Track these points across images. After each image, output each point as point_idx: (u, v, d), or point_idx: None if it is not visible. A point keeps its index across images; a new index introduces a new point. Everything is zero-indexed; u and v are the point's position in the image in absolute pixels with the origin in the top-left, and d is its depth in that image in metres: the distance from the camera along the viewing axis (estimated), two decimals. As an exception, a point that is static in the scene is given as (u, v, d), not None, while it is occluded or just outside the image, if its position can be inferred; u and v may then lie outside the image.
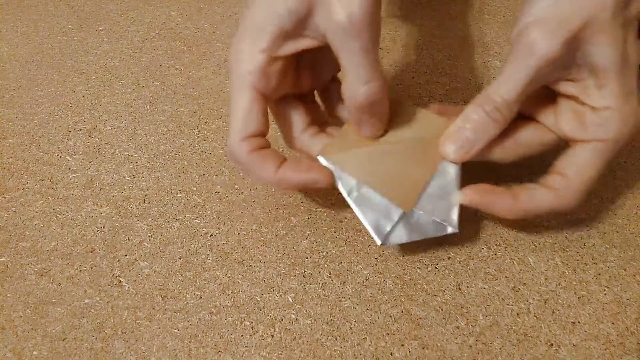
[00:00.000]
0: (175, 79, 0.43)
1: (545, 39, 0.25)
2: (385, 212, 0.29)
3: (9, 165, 0.37)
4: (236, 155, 0.28)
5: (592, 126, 0.27)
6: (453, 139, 0.29)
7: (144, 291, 0.30)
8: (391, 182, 0.29)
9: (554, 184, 0.29)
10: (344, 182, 0.29)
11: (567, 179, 0.28)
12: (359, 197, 0.29)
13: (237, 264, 0.31)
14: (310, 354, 0.28)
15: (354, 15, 0.25)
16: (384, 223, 0.29)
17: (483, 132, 0.28)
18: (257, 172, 0.28)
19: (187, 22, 0.48)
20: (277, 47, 0.27)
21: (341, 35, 0.25)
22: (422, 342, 0.28)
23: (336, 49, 0.26)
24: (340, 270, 0.31)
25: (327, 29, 0.26)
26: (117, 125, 0.39)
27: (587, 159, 0.28)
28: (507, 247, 0.32)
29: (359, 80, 0.26)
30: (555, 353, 0.28)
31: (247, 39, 0.27)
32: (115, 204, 0.34)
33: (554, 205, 0.28)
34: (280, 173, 0.28)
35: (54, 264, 0.32)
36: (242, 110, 0.27)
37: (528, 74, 0.26)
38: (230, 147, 0.28)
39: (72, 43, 0.46)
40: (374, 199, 0.29)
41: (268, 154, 0.28)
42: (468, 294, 0.30)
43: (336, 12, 0.25)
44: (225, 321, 0.29)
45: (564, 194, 0.28)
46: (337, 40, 0.26)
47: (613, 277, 0.31)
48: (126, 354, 0.28)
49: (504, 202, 0.29)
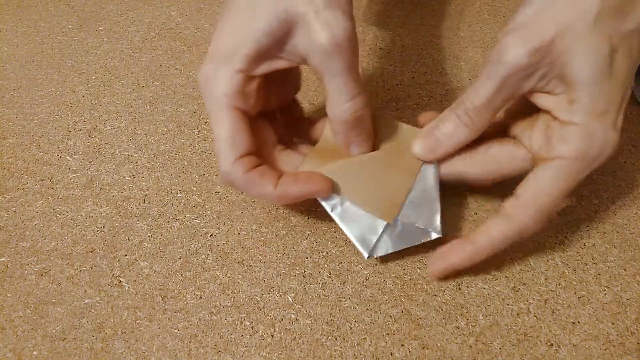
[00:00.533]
0: (175, 79, 0.43)
1: (514, 47, 0.25)
2: (370, 224, 0.29)
3: (9, 165, 0.37)
4: (232, 178, 0.27)
5: (556, 142, 0.26)
6: (423, 137, 0.29)
7: (144, 291, 0.30)
8: (372, 195, 0.29)
9: (507, 208, 0.28)
10: (327, 197, 0.29)
11: (521, 201, 0.27)
12: (342, 212, 0.29)
13: (237, 264, 0.31)
14: (310, 354, 0.28)
15: (336, 37, 0.25)
16: (369, 236, 0.29)
17: (452, 135, 0.28)
18: (257, 190, 0.27)
19: (187, 22, 0.48)
20: (254, 67, 0.27)
21: (324, 57, 0.25)
22: (422, 342, 0.28)
23: (319, 71, 0.26)
24: (340, 270, 0.31)
25: (309, 51, 0.26)
26: (117, 125, 0.39)
27: (546, 179, 0.26)
28: (507, 247, 0.32)
29: (343, 98, 0.27)
30: (555, 353, 0.28)
31: (220, 61, 0.27)
32: (115, 204, 0.34)
33: (508, 232, 0.27)
34: (280, 188, 0.27)
35: (54, 264, 0.32)
36: (228, 132, 0.27)
37: (495, 82, 0.26)
38: (225, 171, 0.27)
39: (72, 43, 0.46)
40: (358, 213, 0.29)
41: (265, 171, 0.28)
42: (468, 294, 0.30)
43: (317, 34, 0.25)
44: (225, 321, 0.29)
45: (517, 218, 0.27)
46: (319, 62, 0.26)
47: (613, 277, 0.31)
48: (126, 354, 0.28)
49: (460, 251, 0.28)
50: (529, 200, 0.27)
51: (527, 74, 0.26)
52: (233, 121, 0.27)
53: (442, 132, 0.29)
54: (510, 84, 0.26)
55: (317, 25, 0.25)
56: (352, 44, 0.26)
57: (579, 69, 0.25)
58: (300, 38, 0.26)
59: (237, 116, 0.27)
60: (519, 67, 0.25)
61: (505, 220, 0.27)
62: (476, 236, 0.28)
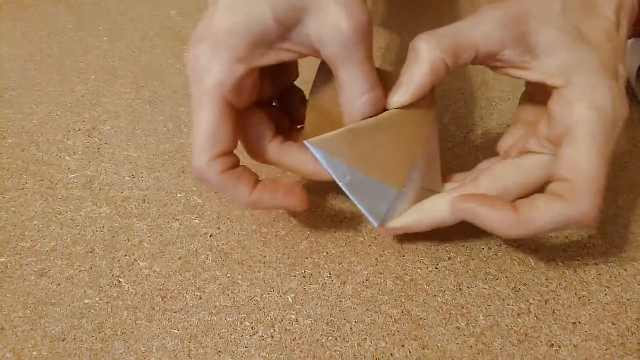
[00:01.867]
0: (175, 79, 0.43)
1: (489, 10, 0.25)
2: (380, 192, 0.28)
3: (8, 165, 0.37)
4: (205, 177, 0.25)
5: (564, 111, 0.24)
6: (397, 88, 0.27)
7: (143, 291, 0.30)
8: (381, 162, 0.28)
9: (558, 189, 0.24)
10: (334, 167, 0.27)
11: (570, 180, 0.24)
12: (351, 182, 0.27)
13: (237, 264, 0.31)
14: (310, 354, 0.28)
15: (358, 23, 0.23)
16: (380, 204, 0.28)
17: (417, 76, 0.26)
18: (230, 192, 0.26)
19: (187, 21, 0.48)
20: (256, 57, 0.24)
21: (343, 45, 0.24)
22: (423, 343, 0.28)
23: (334, 60, 0.24)
24: (340, 270, 0.31)
25: (324, 38, 0.24)
26: (116, 125, 0.39)
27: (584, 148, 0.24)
28: (508, 247, 0.32)
29: (362, 89, 0.25)
30: (556, 353, 0.28)
31: (217, 43, 0.23)
32: (115, 204, 0.34)
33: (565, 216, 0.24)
34: (255, 195, 0.26)
35: (53, 264, 0.31)
36: (210, 125, 0.24)
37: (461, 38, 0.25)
38: (198, 168, 0.25)
39: (72, 42, 0.46)
40: (367, 181, 0.28)
41: (241, 174, 0.26)
42: (468, 294, 0.30)
43: (337, 19, 0.23)
44: (225, 321, 0.29)
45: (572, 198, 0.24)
46: (337, 50, 0.24)
47: (614, 277, 0.31)
48: (126, 354, 0.28)
49: (502, 215, 0.25)
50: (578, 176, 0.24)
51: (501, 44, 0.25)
52: (219, 115, 0.24)
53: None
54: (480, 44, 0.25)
55: (335, 10, 0.23)
56: (371, 31, 0.24)
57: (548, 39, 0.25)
58: (313, 24, 0.23)
59: (224, 110, 0.24)
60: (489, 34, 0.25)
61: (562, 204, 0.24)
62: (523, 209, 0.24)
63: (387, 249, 0.32)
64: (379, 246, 0.32)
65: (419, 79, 0.25)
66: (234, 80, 0.24)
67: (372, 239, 0.32)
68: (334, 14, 0.23)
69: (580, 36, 0.25)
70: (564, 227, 0.24)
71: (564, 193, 0.24)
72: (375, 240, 0.32)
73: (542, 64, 0.25)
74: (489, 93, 0.42)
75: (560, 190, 0.24)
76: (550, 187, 0.25)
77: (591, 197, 0.24)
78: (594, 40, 0.25)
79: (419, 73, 0.25)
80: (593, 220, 0.24)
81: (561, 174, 0.24)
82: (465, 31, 0.25)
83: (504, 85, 0.43)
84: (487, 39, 0.25)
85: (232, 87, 0.24)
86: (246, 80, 0.25)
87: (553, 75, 0.25)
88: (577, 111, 0.24)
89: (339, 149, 0.27)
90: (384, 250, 0.32)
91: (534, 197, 0.25)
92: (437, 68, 0.25)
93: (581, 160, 0.24)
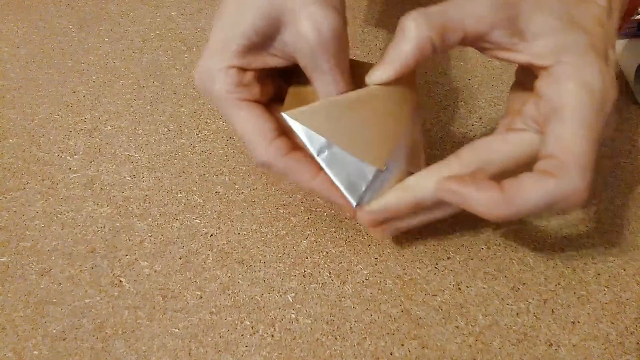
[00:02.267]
0: (176, 79, 0.43)
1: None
2: (359, 170, 0.27)
3: (10, 165, 0.37)
4: (271, 163, 0.27)
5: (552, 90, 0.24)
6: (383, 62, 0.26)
7: (144, 291, 0.30)
8: (361, 139, 0.27)
9: (546, 167, 0.23)
10: (313, 140, 0.26)
11: (558, 156, 0.23)
12: (329, 156, 0.27)
13: (238, 264, 0.32)
14: (310, 353, 0.28)
15: (323, 33, 0.24)
16: (359, 182, 0.27)
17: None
18: (294, 176, 0.27)
19: (188, 22, 0.48)
20: (245, 63, 0.26)
21: (311, 54, 0.25)
22: (422, 342, 0.28)
23: (307, 69, 0.26)
24: (340, 270, 0.31)
25: (296, 47, 0.25)
26: (117, 126, 0.39)
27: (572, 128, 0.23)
28: (507, 247, 0.32)
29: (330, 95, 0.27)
30: (555, 353, 0.28)
31: (213, 57, 0.26)
32: (116, 204, 0.35)
33: (555, 195, 0.23)
34: (317, 182, 0.27)
35: (54, 263, 0.32)
36: (250, 121, 0.26)
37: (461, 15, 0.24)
38: (261, 158, 0.27)
39: (73, 43, 0.46)
40: (346, 158, 0.27)
41: (302, 160, 0.27)
42: (468, 293, 0.30)
43: (304, 28, 0.24)
44: (225, 321, 0.29)
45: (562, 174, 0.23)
46: (307, 59, 0.25)
47: (612, 277, 0.31)
48: (127, 354, 0.28)
49: (488, 195, 0.23)
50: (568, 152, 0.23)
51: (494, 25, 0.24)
52: (249, 109, 0.27)
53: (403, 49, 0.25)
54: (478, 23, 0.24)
55: (303, 20, 0.24)
56: (339, 41, 0.25)
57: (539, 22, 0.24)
58: (289, 34, 0.25)
59: (250, 105, 0.27)
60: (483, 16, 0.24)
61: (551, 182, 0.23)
62: (509, 188, 0.23)
63: (386, 249, 0.32)
64: (379, 246, 0.32)
65: (404, 55, 0.25)
66: (234, 83, 0.26)
67: (372, 238, 0.32)
68: (303, 26, 0.25)
69: (572, 21, 0.25)
70: (554, 207, 0.23)
71: (553, 170, 0.23)
72: (375, 240, 0.32)
73: (532, 46, 0.25)
74: (489, 93, 0.42)
75: (549, 168, 0.23)
76: (538, 166, 0.24)
77: (581, 174, 0.23)
78: (585, 25, 0.25)
79: (404, 50, 0.25)
80: (584, 199, 0.23)
81: (549, 150, 0.23)
82: (455, 11, 0.25)
83: (503, 85, 0.43)
84: (476, 19, 0.25)
85: (236, 87, 0.26)
86: (244, 78, 0.27)
87: (543, 57, 0.25)
88: (566, 89, 0.23)
89: (318, 122, 0.27)
90: (383, 250, 0.32)
91: (521, 176, 0.24)
92: (423, 46, 0.25)
93: (570, 138, 0.23)
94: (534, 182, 0.23)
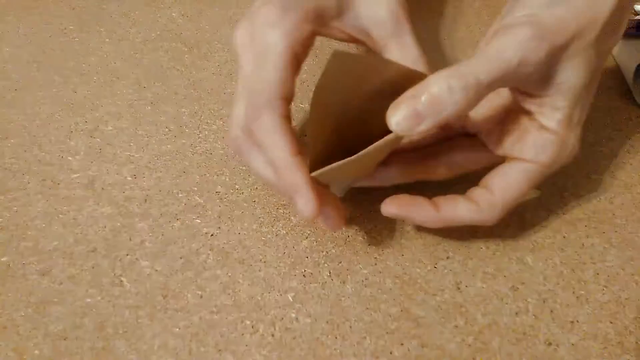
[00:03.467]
0: (177, 80, 0.43)
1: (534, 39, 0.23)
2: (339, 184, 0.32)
3: (11, 166, 0.37)
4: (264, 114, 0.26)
5: (531, 146, 0.27)
6: (401, 107, 0.23)
7: (145, 290, 0.31)
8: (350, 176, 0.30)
9: (478, 197, 0.28)
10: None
11: (492, 194, 0.28)
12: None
13: (238, 264, 0.32)
14: (311, 352, 0.28)
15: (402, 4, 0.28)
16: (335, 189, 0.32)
17: (436, 110, 0.22)
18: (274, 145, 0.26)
19: (189, 23, 0.48)
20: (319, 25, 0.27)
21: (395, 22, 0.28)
22: (422, 341, 0.28)
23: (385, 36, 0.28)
24: (340, 269, 0.31)
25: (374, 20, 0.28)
26: (118, 126, 0.40)
27: (515, 178, 0.28)
28: (506, 247, 0.32)
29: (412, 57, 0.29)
30: (554, 352, 0.28)
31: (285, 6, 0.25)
32: (117, 204, 0.35)
33: (474, 219, 0.28)
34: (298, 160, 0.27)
35: (55, 263, 0.32)
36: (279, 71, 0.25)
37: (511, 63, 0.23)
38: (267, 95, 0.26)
39: (74, 44, 0.46)
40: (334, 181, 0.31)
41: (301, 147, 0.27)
42: (467, 293, 0.30)
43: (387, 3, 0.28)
44: (225, 320, 0.29)
45: (485, 209, 0.28)
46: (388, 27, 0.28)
47: (612, 276, 0.31)
48: (127, 353, 0.28)
49: (425, 212, 0.28)
50: (499, 196, 0.28)
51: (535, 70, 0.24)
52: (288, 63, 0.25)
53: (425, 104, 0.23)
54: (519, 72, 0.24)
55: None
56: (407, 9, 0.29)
57: (576, 79, 0.25)
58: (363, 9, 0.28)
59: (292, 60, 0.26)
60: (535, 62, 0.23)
61: (475, 210, 0.28)
62: (445, 209, 0.28)
63: (386, 249, 0.32)
64: (379, 246, 0.32)
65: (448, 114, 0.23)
66: (302, 36, 0.26)
67: (371, 238, 0.33)
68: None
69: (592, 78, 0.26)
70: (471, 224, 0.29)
71: (483, 205, 0.28)
72: (375, 240, 0.33)
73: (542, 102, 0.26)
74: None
75: (481, 201, 0.28)
76: (473, 193, 0.29)
77: (501, 214, 0.28)
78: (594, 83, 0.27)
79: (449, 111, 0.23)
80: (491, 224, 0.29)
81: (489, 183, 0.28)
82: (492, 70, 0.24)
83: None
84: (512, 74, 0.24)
85: (300, 42, 0.26)
86: (308, 41, 0.27)
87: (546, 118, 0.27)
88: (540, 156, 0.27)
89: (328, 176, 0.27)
90: (383, 249, 0.32)
91: (455, 200, 0.29)
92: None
93: (512, 187, 0.28)
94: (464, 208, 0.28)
